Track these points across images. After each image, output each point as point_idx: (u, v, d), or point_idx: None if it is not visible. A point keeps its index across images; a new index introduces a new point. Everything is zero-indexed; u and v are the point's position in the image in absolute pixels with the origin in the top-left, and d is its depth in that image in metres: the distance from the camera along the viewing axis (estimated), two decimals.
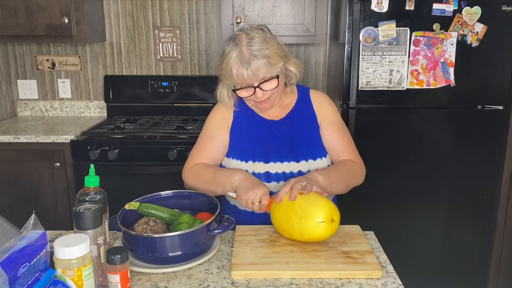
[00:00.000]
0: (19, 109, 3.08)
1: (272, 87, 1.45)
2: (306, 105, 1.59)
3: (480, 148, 2.36)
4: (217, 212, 1.25)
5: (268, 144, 1.53)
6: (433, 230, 2.45)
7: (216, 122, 1.59)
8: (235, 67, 1.41)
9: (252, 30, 1.45)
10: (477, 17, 2.20)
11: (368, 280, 1.11)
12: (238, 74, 1.41)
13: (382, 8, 2.20)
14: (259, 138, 1.54)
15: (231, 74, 1.43)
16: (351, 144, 1.59)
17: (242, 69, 1.40)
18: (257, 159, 1.51)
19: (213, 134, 1.57)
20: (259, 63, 1.40)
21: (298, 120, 1.57)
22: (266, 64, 1.40)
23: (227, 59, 1.43)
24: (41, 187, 2.52)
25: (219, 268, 1.18)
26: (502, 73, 2.29)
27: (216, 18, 2.93)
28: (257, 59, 1.40)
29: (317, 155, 1.53)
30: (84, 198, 1.08)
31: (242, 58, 1.40)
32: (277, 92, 1.49)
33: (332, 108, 1.61)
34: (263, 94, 1.45)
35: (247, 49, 1.40)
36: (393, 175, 2.37)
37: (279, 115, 1.58)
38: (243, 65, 1.40)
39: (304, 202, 1.25)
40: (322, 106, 1.59)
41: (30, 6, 2.55)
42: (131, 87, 2.95)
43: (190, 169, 1.56)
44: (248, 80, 1.42)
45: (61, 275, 0.92)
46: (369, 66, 2.25)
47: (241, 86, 1.45)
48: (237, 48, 1.42)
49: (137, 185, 2.43)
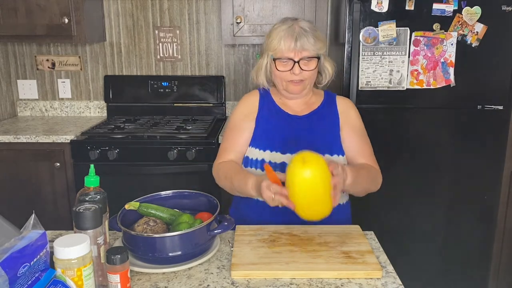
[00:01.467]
0: (19, 109, 3.08)
1: (310, 68, 1.49)
2: (331, 108, 1.61)
3: (480, 148, 2.36)
4: (217, 212, 1.25)
5: (287, 136, 1.54)
6: (433, 230, 2.45)
7: (244, 113, 1.61)
8: (284, 37, 1.47)
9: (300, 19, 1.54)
10: (477, 17, 2.20)
11: (368, 280, 1.11)
12: (285, 43, 1.46)
13: (382, 8, 2.20)
14: (280, 129, 1.56)
15: (278, 43, 1.47)
16: (370, 149, 1.59)
17: (291, 40, 1.46)
18: (275, 149, 1.52)
19: (241, 126, 1.59)
20: (308, 39, 1.47)
21: (320, 119, 1.58)
22: (313, 43, 1.47)
23: (277, 30, 1.50)
24: (41, 187, 2.52)
25: (219, 268, 1.18)
26: (502, 73, 2.29)
27: (216, 18, 2.93)
28: (306, 36, 1.47)
29: (335, 152, 1.54)
30: (84, 198, 1.08)
31: (293, 30, 1.47)
32: (310, 79, 1.53)
33: (357, 114, 1.63)
34: (300, 72, 1.48)
35: (298, 26, 1.48)
36: (393, 175, 2.36)
37: (303, 111, 1.59)
38: (292, 36, 1.46)
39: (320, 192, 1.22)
40: (347, 111, 1.61)
41: (30, 6, 2.55)
42: (131, 87, 2.95)
43: (217, 168, 1.58)
44: (291, 53, 1.47)
45: (61, 275, 0.92)
46: (369, 66, 2.25)
47: (282, 58, 1.48)
48: (289, 22, 1.50)
49: (137, 185, 2.43)
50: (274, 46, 1.49)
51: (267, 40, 1.53)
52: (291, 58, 1.48)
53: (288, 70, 1.49)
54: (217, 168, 1.57)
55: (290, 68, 1.49)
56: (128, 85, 2.96)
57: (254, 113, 1.60)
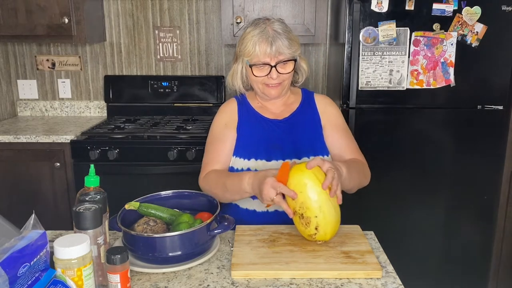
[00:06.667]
0: (19, 109, 3.08)
1: (288, 70, 1.48)
2: (311, 107, 1.60)
3: (480, 148, 2.36)
4: (217, 212, 1.25)
5: (270, 142, 1.53)
6: (433, 230, 2.45)
7: (223, 123, 1.59)
8: (258, 42, 1.44)
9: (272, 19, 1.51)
10: (477, 17, 2.20)
11: (368, 280, 1.11)
12: (261, 48, 1.44)
13: (382, 8, 2.20)
14: (262, 136, 1.54)
15: (253, 48, 1.45)
16: (354, 144, 1.59)
17: (266, 44, 1.44)
18: (260, 157, 1.51)
19: (222, 137, 1.57)
20: (283, 42, 1.44)
21: (302, 121, 1.57)
22: (288, 45, 1.45)
23: (249, 35, 1.47)
24: (41, 187, 2.52)
25: (219, 268, 1.18)
26: (502, 73, 2.29)
27: (216, 18, 2.93)
28: (281, 38, 1.44)
29: (319, 152, 1.53)
30: (84, 198, 1.08)
31: (267, 34, 1.44)
32: (287, 80, 1.52)
33: (336, 111, 1.62)
34: (277, 76, 1.47)
35: (271, 28, 1.46)
36: (393, 175, 2.37)
37: (282, 113, 1.58)
38: (267, 40, 1.44)
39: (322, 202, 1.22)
40: (326, 109, 1.60)
41: (30, 6, 2.55)
42: (131, 87, 2.95)
43: (204, 179, 1.54)
44: (267, 58, 1.45)
45: (61, 275, 0.92)
46: (369, 66, 2.25)
47: (258, 64, 1.47)
48: (260, 27, 1.47)
49: (137, 185, 2.43)
50: (248, 51, 1.46)
51: (240, 45, 1.50)
52: (268, 63, 1.46)
53: (265, 75, 1.48)
54: (205, 180, 1.53)
55: (267, 73, 1.47)
56: (128, 85, 2.96)
57: (234, 122, 1.58)
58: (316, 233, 1.23)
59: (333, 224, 1.24)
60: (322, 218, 1.21)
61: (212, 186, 1.49)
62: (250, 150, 1.52)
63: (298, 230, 1.28)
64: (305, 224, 1.23)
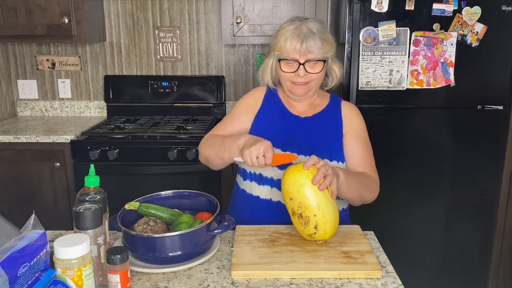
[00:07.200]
0: (19, 109, 3.08)
1: (316, 71, 1.47)
2: (335, 113, 1.58)
3: (480, 148, 2.36)
4: (217, 212, 1.25)
5: (288, 136, 1.53)
6: (433, 230, 2.45)
7: (244, 105, 1.61)
8: (290, 37, 1.44)
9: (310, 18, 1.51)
10: (477, 17, 2.20)
11: (368, 280, 1.11)
12: (291, 44, 1.44)
13: (382, 8, 2.20)
14: (281, 129, 1.55)
15: (284, 43, 1.45)
16: (371, 159, 1.56)
17: (297, 41, 1.43)
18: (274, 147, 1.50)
19: (237, 116, 1.60)
20: (314, 41, 1.43)
21: (323, 123, 1.55)
22: (320, 45, 1.44)
23: (283, 30, 1.47)
24: (41, 187, 2.52)
25: (219, 268, 1.18)
26: (502, 73, 2.29)
27: (216, 18, 2.93)
28: (313, 38, 1.43)
29: (334, 157, 1.51)
30: (84, 198, 1.08)
31: (300, 31, 1.44)
32: (315, 81, 1.50)
33: (361, 121, 1.59)
34: (304, 74, 1.46)
35: (306, 26, 1.45)
36: (393, 175, 2.37)
37: (306, 112, 1.58)
38: (298, 37, 1.44)
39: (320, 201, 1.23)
40: (351, 117, 1.58)
41: (30, 6, 2.55)
42: (131, 87, 2.96)
43: (204, 139, 1.59)
44: (297, 54, 1.45)
45: (61, 275, 0.92)
46: (369, 66, 2.25)
47: (287, 59, 1.47)
48: (295, 24, 1.47)
49: (137, 185, 2.43)
50: (280, 46, 1.47)
51: (274, 39, 1.52)
52: (296, 60, 1.46)
53: (293, 71, 1.47)
54: (205, 140, 1.57)
55: (295, 70, 1.47)
56: (128, 85, 2.96)
57: (255, 107, 1.59)
58: (315, 232, 1.23)
59: (332, 222, 1.24)
60: (321, 216, 1.22)
61: (210, 145, 1.52)
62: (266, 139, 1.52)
63: (298, 230, 1.28)
64: (304, 224, 1.23)
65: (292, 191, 1.24)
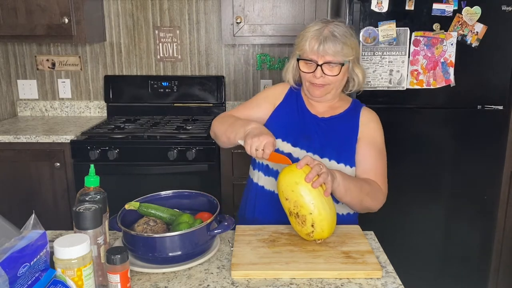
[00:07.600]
0: (19, 109, 3.08)
1: (333, 73, 1.47)
2: (354, 118, 1.57)
3: (480, 148, 2.36)
4: (217, 212, 1.25)
5: (302, 131, 1.54)
6: (433, 230, 2.45)
7: (267, 95, 1.65)
8: (310, 37, 1.46)
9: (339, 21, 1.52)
10: (477, 17, 2.20)
11: (368, 280, 1.11)
12: (310, 44, 1.46)
13: (382, 8, 2.20)
14: (297, 124, 1.56)
15: (304, 43, 1.47)
16: (382, 168, 1.54)
17: (316, 42, 1.45)
18: (287, 140, 1.53)
19: (258, 102, 1.63)
20: (334, 44, 1.44)
21: (339, 126, 1.55)
22: (339, 49, 1.44)
23: (307, 29, 1.50)
24: (41, 187, 2.52)
25: (219, 268, 1.18)
26: (502, 73, 2.29)
27: (216, 18, 2.93)
28: (334, 41, 1.44)
29: (343, 160, 1.50)
30: (84, 198, 1.08)
31: (321, 33, 1.45)
32: (334, 84, 1.50)
33: (378, 129, 1.58)
34: (321, 75, 1.47)
35: (328, 29, 1.46)
36: (393, 175, 2.35)
37: (324, 113, 1.58)
38: (318, 39, 1.45)
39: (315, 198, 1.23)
40: (369, 124, 1.56)
41: (30, 6, 2.55)
42: (131, 87, 2.96)
43: (221, 117, 1.62)
44: (314, 55, 1.46)
45: (61, 275, 0.92)
46: (369, 66, 2.25)
47: (306, 59, 1.48)
48: (320, 24, 1.48)
49: (137, 185, 2.43)
50: (301, 45, 1.49)
51: (297, 39, 1.54)
52: (314, 60, 1.47)
53: (311, 72, 1.49)
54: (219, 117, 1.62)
55: (313, 70, 1.48)
56: (128, 85, 2.96)
57: (276, 100, 1.61)
58: (313, 230, 1.23)
59: (329, 220, 1.24)
60: (317, 214, 1.22)
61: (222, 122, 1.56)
62: (280, 131, 1.53)
63: (296, 230, 1.28)
64: (301, 223, 1.23)
65: (287, 191, 1.25)
